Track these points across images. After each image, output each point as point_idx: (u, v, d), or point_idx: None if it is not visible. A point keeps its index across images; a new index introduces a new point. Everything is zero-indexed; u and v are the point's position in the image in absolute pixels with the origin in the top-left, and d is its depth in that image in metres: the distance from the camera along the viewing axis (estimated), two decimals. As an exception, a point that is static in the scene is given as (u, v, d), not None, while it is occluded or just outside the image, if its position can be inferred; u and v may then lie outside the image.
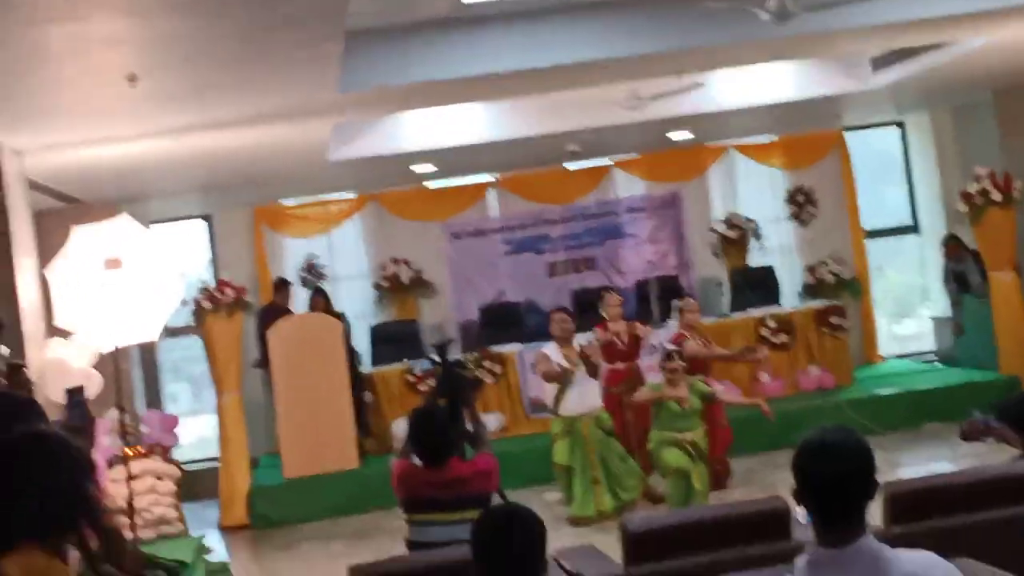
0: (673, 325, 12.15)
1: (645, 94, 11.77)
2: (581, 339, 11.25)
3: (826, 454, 3.59)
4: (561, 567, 6.36)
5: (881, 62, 13.00)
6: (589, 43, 9.67)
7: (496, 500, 6.65)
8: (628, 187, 16.60)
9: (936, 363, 16.26)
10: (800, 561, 3.71)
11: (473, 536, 4.02)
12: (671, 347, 10.91)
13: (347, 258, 16.24)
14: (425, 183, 16.24)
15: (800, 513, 6.53)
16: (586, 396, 11.08)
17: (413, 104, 11.46)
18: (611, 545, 7.43)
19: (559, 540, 7.96)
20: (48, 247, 9.59)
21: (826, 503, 3.61)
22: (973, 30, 10.73)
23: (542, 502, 11.48)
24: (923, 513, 6.08)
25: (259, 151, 11.72)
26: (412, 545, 6.43)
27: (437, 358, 7.93)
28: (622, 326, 11.86)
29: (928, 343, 17.28)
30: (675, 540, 6.05)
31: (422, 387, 14.05)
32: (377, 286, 16.08)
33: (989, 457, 11.29)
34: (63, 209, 12.77)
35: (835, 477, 3.57)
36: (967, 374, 14.67)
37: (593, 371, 10.97)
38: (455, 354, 8.29)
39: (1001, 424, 7.15)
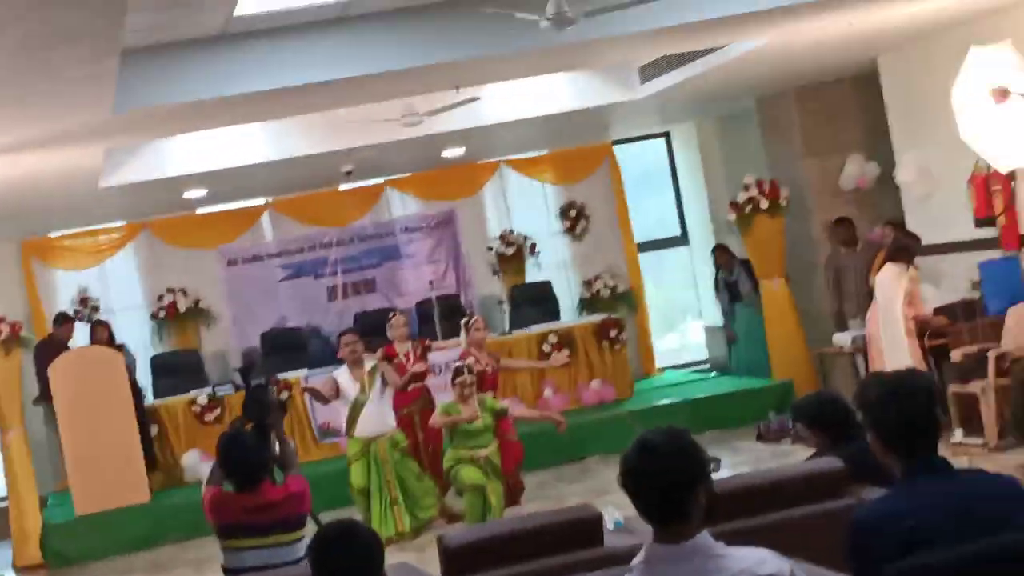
0: (458, 343, 12.18)
1: (422, 109, 11.77)
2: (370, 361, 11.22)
3: (653, 454, 3.65)
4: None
5: (649, 72, 13.26)
6: (363, 57, 9.57)
7: (310, 523, 6.60)
8: (403, 207, 16.55)
9: (711, 372, 16.66)
10: (636, 559, 3.76)
11: (311, 552, 3.97)
12: (459, 364, 10.97)
13: (122, 289, 15.79)
14: (198, 209, 15.94)
15: (608, 519, 6.66)
16: (380, 417, 11.06)
17: (188, 125, 11.23)
18: (419, 563, 7.44)
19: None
20: None
21: (657, 501, 3.67)
22: (740, 34, 11.02)
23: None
24: (727, 514, 6.20)
25: (27, 180, 11.32)
26: (228, 572, 6.32)
27: (241, 382, 7.80)
28: (408, 346, 11.86)
29: (702, 353, 17.71)
30: (492, 552, 6.06)
31: (208, 417, 13.82)
32: (154, 316, 15.70)
33: (767, 461, 11.64)
34: None
35: (662, 476, 3.64)
36: (742, 381, 15.08)
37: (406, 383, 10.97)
38: (258, 377, 8.18)
39: (798, 425, 7.36)
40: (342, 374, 11.19)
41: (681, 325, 18.36)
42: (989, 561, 3.77)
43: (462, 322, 11.92)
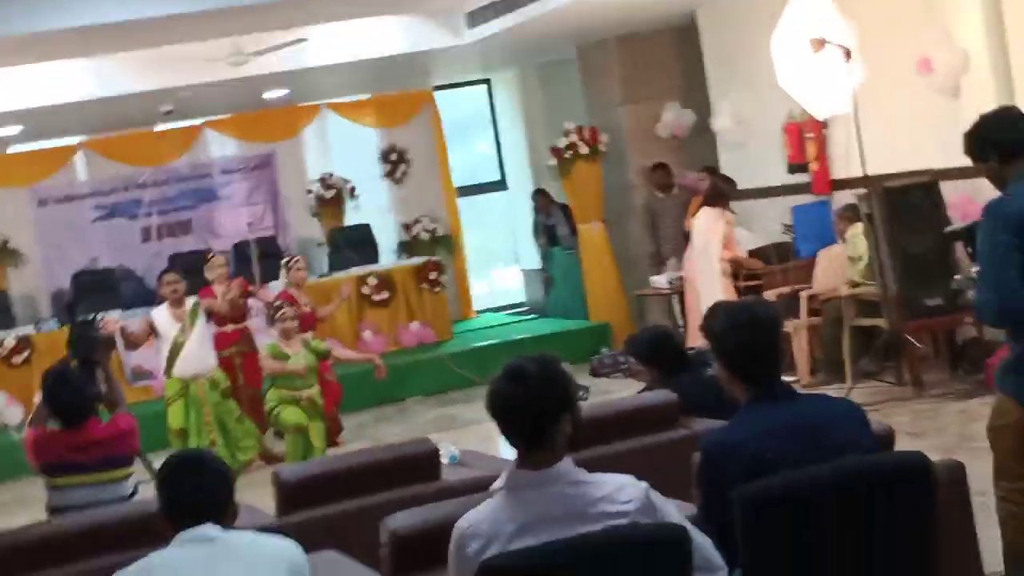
0: (278, 284, 12.11)
1: (248, 49, 11.61)
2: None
3: (524, 381, 3.70)
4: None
5: (477, 18, 13.29)
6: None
7: (138, 462, 6.54)
8: (221, 148, 16.30)
9: (529, 315, 16.83)
10: (497, 484, 3.82)
11: (161, 481, 3.93)
12: (279, 303, 10.92)
13: (-73, 227, 15.30)
14: (9, 148, 15.48)
15: (444, 454, 6.73)
16: (201, 357, 10.92)
17: (2, 60, 10.93)
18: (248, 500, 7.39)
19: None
20: None
21: (520, 427, 3.73)
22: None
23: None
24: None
25: None
26: (53, 511, 6.22)
27: (67, 319, 7.65)
28: (225, 287, 11.72)
29: (519, 296, 17.88)
30: (328, 487, 6.08)
31: (15, 360, 13.47)
32: (-42, 256, 15.24)
33: (597, 395, 11.81)
34: None
35: (532, 403, 3.70)
36: (559, 323, 15.29)
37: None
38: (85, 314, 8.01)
39: (631, 359, 7.51)
40: (159, 313, 11.02)
41: (499, 269, 18.48)
42: (834, 484, 3.89)
43: (282, 262, 11.84)
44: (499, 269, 18.52)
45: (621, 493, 3.76)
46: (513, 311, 17.25)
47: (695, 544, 3.76)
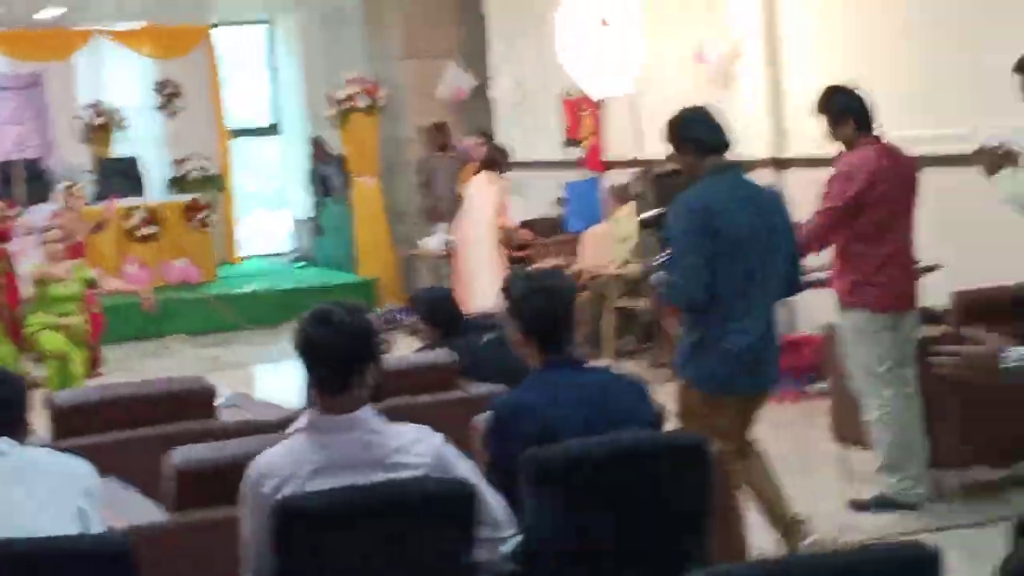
0: (47, 208, 11.90)
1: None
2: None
3: (333, 328, 3.82)
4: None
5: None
6: None
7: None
8: (-10, 64, 15.81)
9: (297, 264, 16.80)
10: (296, 424, 3.94)
11: None
12: (51, 224, 10.75)
13: None
14: None
15: (219, 394, 6.76)
16: None
17: None
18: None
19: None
20: None
21: (327, 371, 3.85)
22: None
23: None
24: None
25: None
26: None
27: None
28: None
29: (286, 244, 17.83)
30: (103, 415, 6.06)
31: None
32: None
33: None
34: None
35: (340, 349, 3.82)
36: (327, 275, 15.34)
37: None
38: None
39: (415, 317, 7.64)
40: None
41: (267, 215, 18.37)
42: (616, 454, 4.09)
43: (63, 185, 11.59)
44: (267, 215, 18.39)
45: (417, 445, 3.91)
46: (280, 259, 17.18)
47: (484, 503, 3.94)
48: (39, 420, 6.17)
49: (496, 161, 12.42)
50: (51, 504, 3.78)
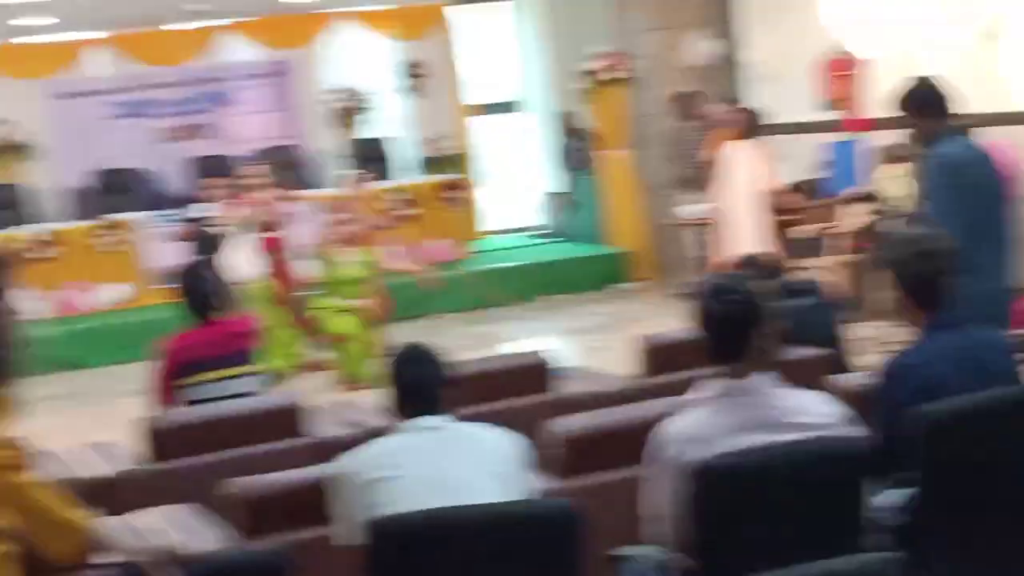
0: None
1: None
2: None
3: (727, 296, 3.93)
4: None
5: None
6: None
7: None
8: (236, 52, 16.20)
9: (548, 238, 16.90)
10: (704, 391, 4.01)
11: (395, 369, 4.13)
12: (341, 214, 11.04)
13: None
14: (24, 38, 15.33)
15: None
16: (250, 263, 10.95)
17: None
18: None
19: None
20: None
21: (729, 341, 3.95)
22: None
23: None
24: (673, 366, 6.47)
25: None
26: (192, 404, 6.36)
27: (192, 216, 7.76)
28: (264, 195, 11.78)
29: (535, 219, 17.96)
30: (453, 390, 6.18)
31: (31, 255, 13.43)
32: (-30, 147, 15.10)
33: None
34: None
35: (733, 317, 3.93)
36: (579, 248, 15.42)
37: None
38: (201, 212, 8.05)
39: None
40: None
41: (514, 190, 18.52)
42: (996, 410, 4.20)
43: (349, 173, 11.86)
44: (514, 190, 18.55)
45: (821, 406, 4.01)
46: (530, 233, 17.31)
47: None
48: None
49: (755, 126, 12.34)
50: (483, 472, 3.95)
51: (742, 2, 14.04)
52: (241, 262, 10.87)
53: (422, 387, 4.11)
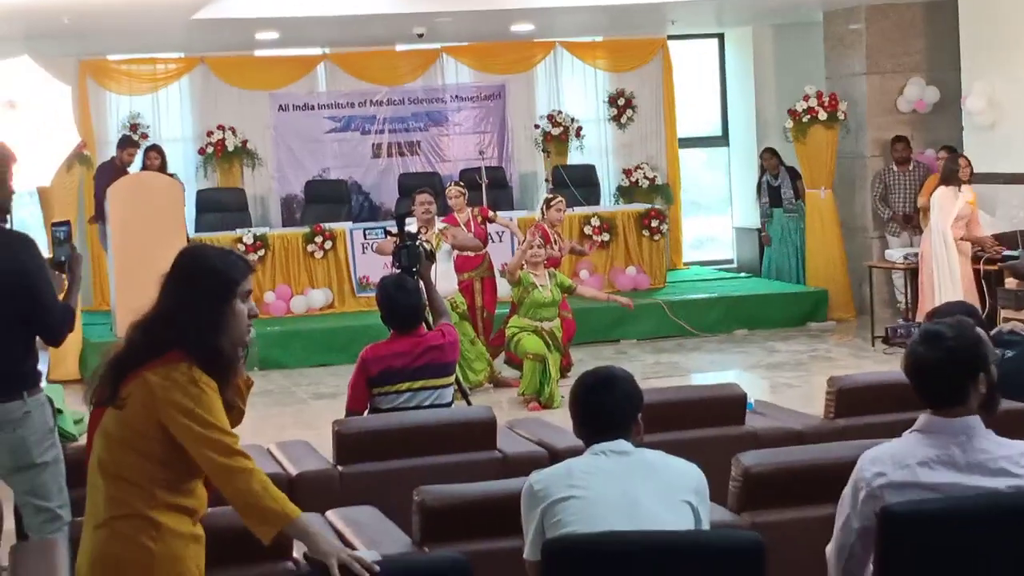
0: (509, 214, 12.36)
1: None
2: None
3: (937, 343, 3.93)
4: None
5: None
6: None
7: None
8: (456, 75, 16.63)
9: (739, 272, 16.92)
10: (917, 424, 4.01)
11: (575, 397, 4.22)
12: (534, 238, 11.23)
13: (172, 120, 15.85)
14: (256, 51, 15.95)
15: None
16: (444, 278, 11.15)
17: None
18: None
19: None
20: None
21: (936, 386, 3.95)
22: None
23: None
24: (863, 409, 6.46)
25: (125, 4, 11.32)
26: (384, 412, 6.54)
27: (395, 230, 7.98)
28: (468, 214, 12.03)
29: (728, 252, 17.97)
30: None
31: (250, 257, 13.88)
32: (201, 152, 15.75)
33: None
34: None
35: (943, 363, 3.92)
36: (774, 285, 15.37)
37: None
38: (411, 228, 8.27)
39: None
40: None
41: (710, 223, 18.56)
42: None
43: (544, 198, 12.07)
44: (711, 223, 18.58)
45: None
46: (722, 267, 17.33)
47: None
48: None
49: (965, 173, 12.20)
50: (666, 500, 4.02)
51: (965, 49, 13.85)
52: (438, 277, 11.11)
53: (613, 411, 4.18)
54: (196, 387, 3.72)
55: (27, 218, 14.17)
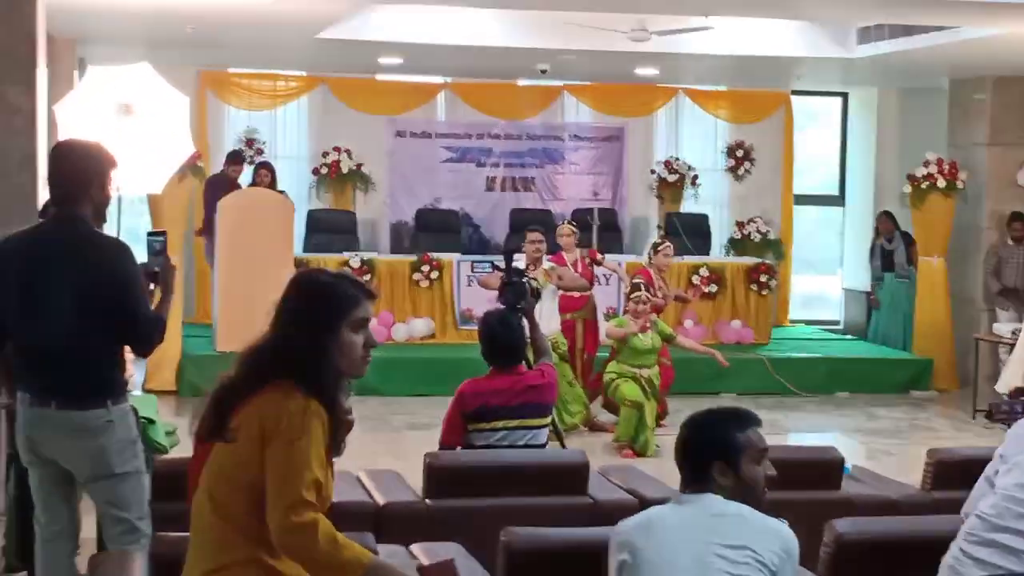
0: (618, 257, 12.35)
1: (651, 27, 11.80)
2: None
3: None
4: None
5: (869, 35, 13.25)
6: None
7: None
8: (576, 114, 16.67)
9: (845, 335, 16.73)
10: None
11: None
12: (638, 281, 11.20)
13: (288, 138, 16.05)
14: (377, 75, 16.08)
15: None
16: (548, 317, 11.14)
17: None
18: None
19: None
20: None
21: None
22: (982, 21, 11.01)
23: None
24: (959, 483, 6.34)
25: (234, 13, 11.45)
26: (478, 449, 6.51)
27: (503, 265, 7.97)
28: (576, 254, 12.02)
29: (835, 314, 17.78)
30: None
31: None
32: (315, 172, 15.91)
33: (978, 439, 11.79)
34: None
35: None
36: (881, 350, 15.18)
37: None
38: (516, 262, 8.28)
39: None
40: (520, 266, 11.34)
41: (820, 282, 18.39)
42: None
43: (651, 243, 12.04)
44: (820, 282, 18.42)
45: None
46: (828, 327, 17.15)
47: None
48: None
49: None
50: (751, 559, 3.94)
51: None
52: (542, 316, 11.09)
53: (700, 463, 4.11)
54: (307, 417, 3.57)
55: (138, 226, 14.36)
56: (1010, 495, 4.40)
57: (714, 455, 4.03)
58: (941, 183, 14.36)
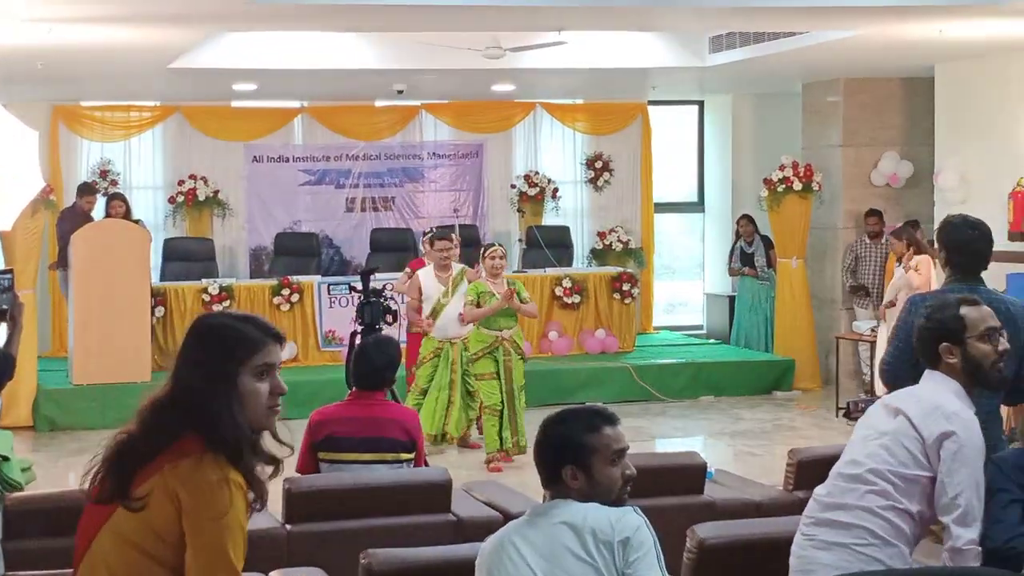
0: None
1: (505, 44, 11.78)
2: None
3: None
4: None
5: (719, 43, 13.38)
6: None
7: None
8: (434, 132, 16.63)
9: (708, 339, 16.88)
10: None
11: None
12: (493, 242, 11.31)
13: (144, 168, 15.82)
14: (232, 102, 15.91)
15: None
16: (459, 322, 11.07)
17: (301, 24, 11.26)
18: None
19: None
20: None
21: None
22: (833, 24, 11.16)
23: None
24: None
25: (84, 50, 11.24)
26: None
27: (360, 286, 7.86)
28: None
29: (698, 319, 17.95)
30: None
31: (216, 308, 13.76)
32: (171, 200, 15.69)
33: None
34: None
35: None
36: (742, 352, 15.36)
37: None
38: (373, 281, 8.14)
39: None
40: (426, 275, 11.31)
41: (680, 288, 18.56)
42: None
43: (482, 250, 11.81)
44: (681, 289, 18.58)
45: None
46: (692, 332, 17.30)
47: None
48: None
49: (918, 246, 12.19)
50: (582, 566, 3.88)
51: (940, 126, 13.92)
52: (453, 317, 11.07)
53: (553, 467, 4.04)
54: (228, 488, 3.28)
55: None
56: (839, 471, 4.44)
57: (564, 459, 3.95)
58: (797, 185, 14.57)
